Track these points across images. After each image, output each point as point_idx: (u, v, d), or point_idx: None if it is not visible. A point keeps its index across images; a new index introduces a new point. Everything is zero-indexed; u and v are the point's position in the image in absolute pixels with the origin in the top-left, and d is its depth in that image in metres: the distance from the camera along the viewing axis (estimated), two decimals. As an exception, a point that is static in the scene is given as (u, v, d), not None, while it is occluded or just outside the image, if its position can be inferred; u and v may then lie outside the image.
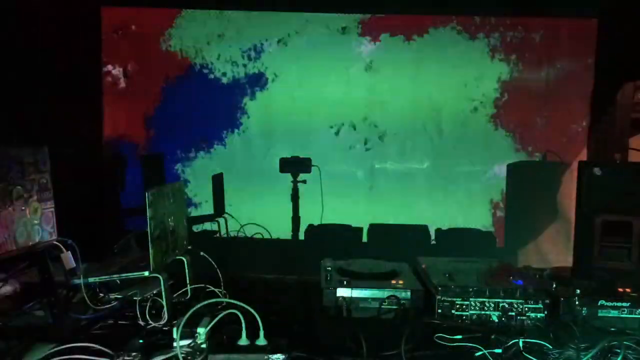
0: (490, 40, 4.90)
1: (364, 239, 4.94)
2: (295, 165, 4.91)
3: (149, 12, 4.97)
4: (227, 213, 4.89)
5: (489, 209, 4.97)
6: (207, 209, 4.94)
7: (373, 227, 4.96)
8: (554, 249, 4.79)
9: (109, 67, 4.98)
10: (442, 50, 4.93)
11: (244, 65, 4.97)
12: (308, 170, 4.97)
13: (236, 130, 5.01)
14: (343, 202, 5.01)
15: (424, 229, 4.94)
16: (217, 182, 4.87)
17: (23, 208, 2.08)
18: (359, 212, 4.99)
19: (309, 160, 4.97)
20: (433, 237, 4.95)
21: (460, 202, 4.98)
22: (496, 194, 4.95)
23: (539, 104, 4.90)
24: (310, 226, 4.94)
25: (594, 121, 4.81)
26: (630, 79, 4.72)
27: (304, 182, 4.96)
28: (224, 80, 4.99)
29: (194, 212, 5.02)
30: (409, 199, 5.00)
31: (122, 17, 4.95)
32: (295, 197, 4.84)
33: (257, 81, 4.98)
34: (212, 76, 4.98)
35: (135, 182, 4.87)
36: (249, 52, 4.96)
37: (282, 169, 4.85)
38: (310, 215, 4.93)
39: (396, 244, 4.76)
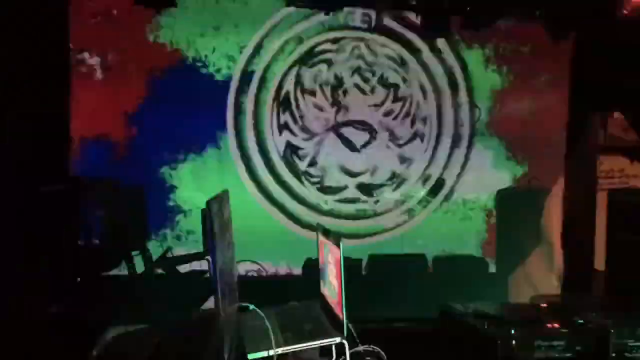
0: (485, 50, 4.97)
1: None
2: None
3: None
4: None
5: (482, 216, 5.03)
6: (195, 216, 4.44)
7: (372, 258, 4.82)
8: (538, 273, 4.93)
9: (85, 55, 4.37)
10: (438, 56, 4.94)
11: (241, 61, 4.60)
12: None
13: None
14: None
15: (420, 257, 4.89)
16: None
17: None
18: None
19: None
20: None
21: (456, 208, 5.00)
22: (490, 201, 5.03)
23: (529, 114, 5.02)
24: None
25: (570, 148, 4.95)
26: (599, 109, 4.88)
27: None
28: (218, 76, 4.58)
29: (177, 246, 4.48)
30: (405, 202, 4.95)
31: (101, -2, 4.36)
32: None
33: (255, 78, 4.65)
34: (205, 71, 4.56)
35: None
36: (247, 47, 4.60)
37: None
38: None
39: (394, 274, 4.64)
